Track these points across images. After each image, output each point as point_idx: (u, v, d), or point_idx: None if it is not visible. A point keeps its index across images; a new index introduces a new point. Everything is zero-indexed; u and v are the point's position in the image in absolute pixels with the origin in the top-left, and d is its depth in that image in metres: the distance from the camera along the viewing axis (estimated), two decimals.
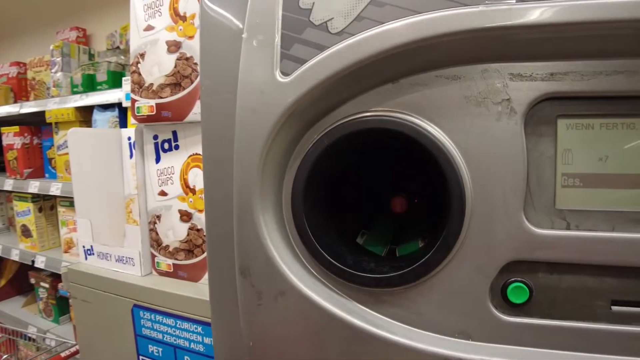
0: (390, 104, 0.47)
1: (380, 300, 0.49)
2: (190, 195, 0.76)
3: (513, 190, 0.43)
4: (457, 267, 0.45)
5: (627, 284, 0.44)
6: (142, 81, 0.75)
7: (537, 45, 0.42)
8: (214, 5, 0.54)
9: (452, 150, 0.45)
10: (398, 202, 0.60)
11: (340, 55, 0.45)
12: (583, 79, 0.42)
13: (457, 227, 0.44)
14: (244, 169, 0.50)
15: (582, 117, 0.43)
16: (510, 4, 0.41)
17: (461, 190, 0.44)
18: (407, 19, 0.43)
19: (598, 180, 0.44)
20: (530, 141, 0.44)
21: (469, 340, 0.46)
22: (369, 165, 0.62)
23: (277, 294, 0.50)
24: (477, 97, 0.44)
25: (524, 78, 0.43)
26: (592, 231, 0.43)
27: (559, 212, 0.44)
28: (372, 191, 0.64)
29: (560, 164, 0.44)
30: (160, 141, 0.78)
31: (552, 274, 0.44)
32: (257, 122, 0.48)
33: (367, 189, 0.64)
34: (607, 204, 0.43)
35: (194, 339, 0.71)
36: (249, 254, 0.51)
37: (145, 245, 0.81)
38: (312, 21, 0.46)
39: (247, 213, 0.50)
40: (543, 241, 0.43)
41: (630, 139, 0.43)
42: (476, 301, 0.45)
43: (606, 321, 0.44)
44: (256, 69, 0.48)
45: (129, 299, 0.77)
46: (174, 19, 0.73)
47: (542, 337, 0.44)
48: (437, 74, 0.45)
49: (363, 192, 0.64)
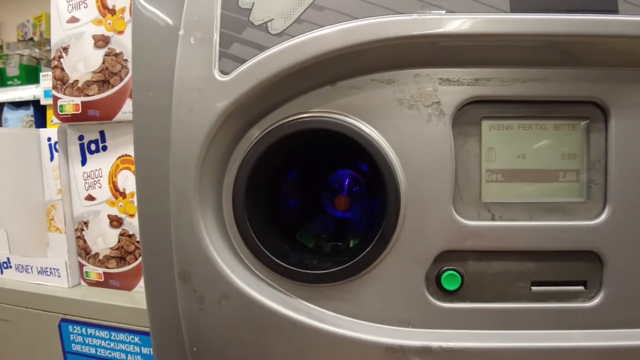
0: (329, 105, 0.49)
1: (324, 296, 0.51)
2: (120, 200, 0.72)
3: (443, 186, 0.48)
4: (395, 259, 0.49)
5: (543, 267, 0.50)
6: (66, 77, 0.70)
7: (464, 52, 0.47)
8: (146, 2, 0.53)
9: (387, 149, 0.48)
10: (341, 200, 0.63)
11: (280, 56, 0.46)
12: (503, 84, 0.48)
13: (393, 221, 0.48)
14: (181, 171, 0.49)
15: (502, 119, 0.49)
16: (440, 14, 0.45)
17: (396, 187, 0.47)
18: (346, 24, 0.45)
19: (517, 175, 0.49)
20: (457, 140, 0.48)
21: (408, 327, 0.50)
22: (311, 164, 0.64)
23: (221, 297, 0.50)
24: (409, 100, 0.48)
25: (452, 83, 0.48)
26: (513, 221, 0.49)
27: (484, 205, 0.49)
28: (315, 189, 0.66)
29: (484, 161, 0.49)
30: (86, 142, 0.73)
31: (481, 261, 0.50)
32: (194, 122, 0.48)
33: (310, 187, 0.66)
34: (525, 196, 0.49)
35: (131, 350, 0.69)
36: (188, 258, 0.50)
37: (72, 254, 0.76)
38: (252, 21, 0.47)
39: (186, 216, 0.50)
40: (471, 232, 0.48)
41: (543, 138, 0.50)
42: (413, 290, 0.49)
43: (528, 300, 0.50)
44: (193, 66, 0.48)
45: (55, 313, 0.72)
46: (101, 11, 0.69)
47: (474, 319, 0.50)
48: (372, 77, 0.48)
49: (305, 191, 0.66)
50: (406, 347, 0.48)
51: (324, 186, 0.67)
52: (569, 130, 0.49)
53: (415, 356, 0.48)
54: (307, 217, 0.67)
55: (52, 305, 0.73)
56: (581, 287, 0.50)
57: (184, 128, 0.49)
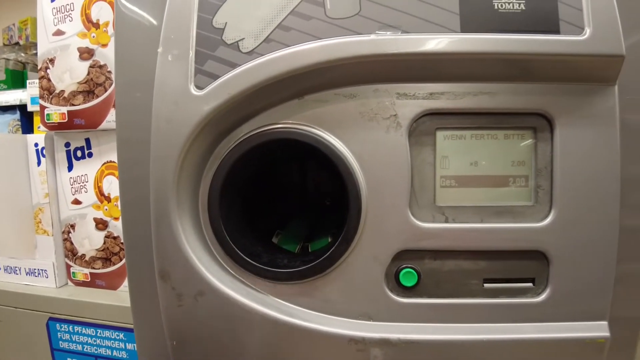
0: (297, 117, 0.55)
1: (293, 292, 0.56)
2: (105, 203, 0.78)
3: (400, 191, 0.54)
4: (357, 257, 0.54)
5: (495, 265, 0.56)
6: (53, 87, 0.75)
7: (419, 69, 0.52)
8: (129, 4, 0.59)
9: (350, 158, 0.54)
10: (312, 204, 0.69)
11: (250, 73, 0.52)
12: (456, 98, 0.54)
13: (355, 223, 0.53)
14: (160, 177, 0.55)
15: (455, 129, 0.55)
16: (396, 35, 0.51)
17: (357, 192, 0.53)
18: (310, 44, 0.51)
19: (469, 181, 0.55)
20: (414, 150, 0.54)
21: (370, 321, 0.55)
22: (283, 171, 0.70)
23: (197, 294, 0.56)
24: (369, 112, 0.54)
25: (408, 97, 0.53)
26: (465, 223, 0.54)
27: (438, 208, 0.55)
28: (287, 195, 0.72)
29: (438, 168, 0.55)
30: (72, 149, 0.78)
31: (436, 260, 0.55)
32: (172, 132, 0.53)
33: (282, 193, 0.72)
34: (477, 200, 0.55)
35: (115, 346, 0.74)
36: (167, 258, 0.56)
37: (59, 255, 0.81)
38: (224, 40, 0.53)
39: (165, 218, 0.55)
40: (426, 233, 0.54)
41: (493, 147, 0.55)
42: (374, 286, 0.55)
43: (480, 296, 0.55)
44: (171, 81, 0.54)
45: (43, 312, 0.77)
46: (86, 25, 0.74)
47: (430, 313, 0.55)
48: (336, 92, 0.54)
49: (278, 196, 0.72)
50: (367, 339, 0.54)
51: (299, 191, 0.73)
52: (518, 140, 0.56)
53: (375, 347, 0.54)
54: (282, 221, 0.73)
55: (40, 305, 0.78)
56: (530, 283, 0.56)
57: (163, 138, 0.54)
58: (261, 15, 0.52)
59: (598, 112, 0.54)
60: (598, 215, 0.54)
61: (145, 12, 0.59)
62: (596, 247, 0.55)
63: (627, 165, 0.55)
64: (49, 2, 0.75)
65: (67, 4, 0.74)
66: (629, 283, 0.58)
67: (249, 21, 0.52)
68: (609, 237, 0.55)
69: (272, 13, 0.52)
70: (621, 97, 0.54)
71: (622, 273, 0.56)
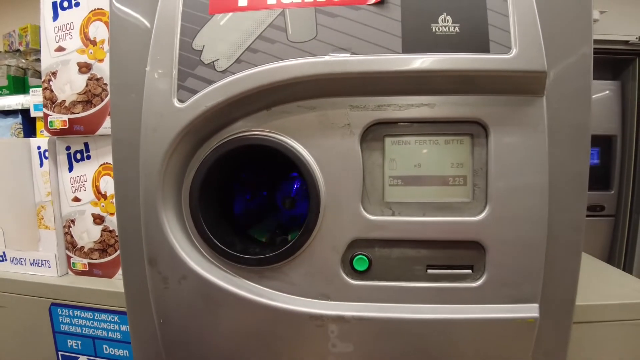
0: (266, 126, 0.66)
1: (263, 276, 0.67)
2: (102, 201, 0.90)
3: (354, 189, 0.64)
4: (317, 246, 0.65)
5: (437, 253, 0.66)
6: (55, 97, 0.87)
7: (368, 85, 0.63)
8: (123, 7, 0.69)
9: (311, 161, 0.65)
10: (286, 200, 0.81)
11: (224, 88, 0.62)
12: (400, 109, 0.64)
13: (315, 216, 0.64)
14: (148, 177, 0.65)
15: (401, 136, 0.65)
16: (346, 56, 0.62)
17: (316, 190, 0.64)
18: (274, 64, 0.62)
19: (414, 180, 0.66)
20: (365, 153, 0.65)
21: (328, 300, 0.66)
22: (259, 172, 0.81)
23: (180, 278, 0.68)
24: (327, 122, 0.64)
25: (360, 108, 0.65)
26: (410, 216, 0.65)
27: (386, 204, 0.66)
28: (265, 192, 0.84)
29: (387, 170, 0.66)
30: (72, 152, 0.90)
31: (384, 248, 0.66)
32: (158, 139, 0.64)
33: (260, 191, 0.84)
34: (420, 197, 0.65)
35: (111, 328, 0.86)
36: (155, 246, 0.67)
37: (60, 247, 0.93)
38: (202, 60, 0.64)
39: (152, 212, 0.66)
40: (375, 225, 0.65)
41: (435, 151, 0.66)
42: (331, 271, 0.66)
43: (424, 280, 0.66)
44: (157, 95, 0.65)
45: (46, 298, 0.89)
46: (84, 42, 0.85)
47: (380, 294, 0.66)
48: (298, 104, 0.64)
49: (256, 193, 0.84)
50: (325, 316, 0.65)
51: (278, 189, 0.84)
52: (457, 144, 0.66)
53: (331, 323, 0.65)
54: (263, 215, 0.85)
55: (43, 292, 0.89)
56: (469, 270, 0.66)
57: (150, 144, 0.65)
58: (233, 39, 0.64)
59: (528, 120, 0.63)
60: (528, 210, 0.64)
61: (138, 12, 0.69)
62: (527, 238, 0.64)
63: (554, 166, 0.64)
64: (51, 21, 0.87)
65: (67, 23, 0.86)
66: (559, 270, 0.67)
67: (223, 44, 0.64)
68: (538, 230, 0.64)
69: (243, 37, 0.63)
70: (549, 107, 0.64)
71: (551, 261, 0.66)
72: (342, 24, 0.62)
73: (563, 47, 0.64)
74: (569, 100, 0.65)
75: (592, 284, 0.86)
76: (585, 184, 0.68)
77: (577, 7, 0.64)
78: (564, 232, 0.67)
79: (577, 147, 0.66)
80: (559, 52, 0.64)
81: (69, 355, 0.90)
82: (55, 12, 0.86)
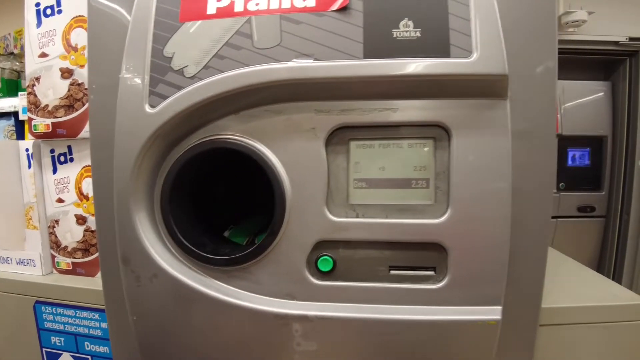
0: (234, 130, 0.68)
1: (232, 276, 0.70)
2: (84, 202, 0.94)
3: (319, 191, 0.67)
4: (283, 247, 0.68)
5: (400, 255, 0.68)
6: (38, 102, 0.91)
7: (332, 89, 0.65)
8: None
9: (277, 163, 0.67)
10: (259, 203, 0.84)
11: (192, 94, 0.65)
12: (364, 113, 0.66)
13: (280, 218, 0.67)
14: (121, 179, 0.68)
15: (365, 140, 0.67)
16: (309, 62, 0.65)
17: (282, 192, 0.67)
18: (239, 70, 0.65)
19: (377, 183, 0.68)
20: (330, 156, 0.67)
21: (293, 300, 0.68)
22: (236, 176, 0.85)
23: (152, 276, 0.71)
24: (293, 126, 0.67)
25: (325, 113, 0.67)
26: (373, 218, 0.67)
27: (351, 206, 0.68)
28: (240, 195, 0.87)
29: (352, 172, 0.68)
30: (56, 154, 0.94)
31: (348, 249, 0.68)
32: (130, 143, 0.67)
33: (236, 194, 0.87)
34: (383, 199, 0.68)
35: (92, 325, 0.89)
36: (128, 246, 0.70)
37: (45, 247, 0.97)
38: (172, 67, 0.68)
39: (125, 212, 0.69)
40: (340, 226, 0.67)
41: (399, 154, 0.68)
42: (297, 271, 0.68)
43: (387, 281, 0.68)
44: (131, 101, 0.68)
45: (31, 296, 0.93)
46: (66, 49, 0.89)
47: (344, 294, 0.68)
48: (265, 109, 0.67)
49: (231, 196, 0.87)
50: (289, 315, 0.67)
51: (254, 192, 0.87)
52: (420, 148, 0.68)
53: (295, 322, 0.68)
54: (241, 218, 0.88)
55: (28, 290, 0.94)
56: (431, 272, 0.68)
57: (123, 148, 0.69)
58: (202, 46, 0.67)
59: (492, 123, 0.65)
60: (491, 213, 0.66)
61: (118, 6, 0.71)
62: (489, 241, 0.66)
63: (518, 168, 0.66)
64: (35, 28, 0.91)
65: (50, 30, 0.90)
66: (524, 272, 0.69)
67: (192, 51, 0.67)
68: (500, 232, 0.66)
69: (210, 44, 0.66)
70: (513, 110, 0.65)
71: (516, 264, 0.67)
72: (305, 31, 0.65)
73: (526, 50, 0.66)
74: (534, 103, 0.66)
75: (567, 286, 0.88)
76: (551, 185, 0.70)
77: (541, 9, 0.65)
78: (529, 235, 0.69)
79: (542, 149, 0.67)
80: (522, 55, 0.65)
81: (53, 351, 0.94)
82: (39, 19, 0.91)
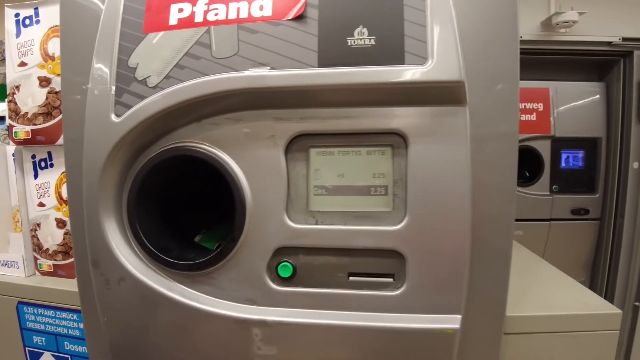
0: (197, 138, 0.70)
1: (195, 281, 0.72)
2: (63, 206, 0.97)
3: (279, 198, 0.68)
4: (243, 253, 0.69)
5: (359, 261, 0.69)
6: (19, 110, 0.95)
7: (289, 98, 0.66)
8: None
9: (238, 170, 0.69)
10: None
11: (153, 103, 0.67)
12: (323, 121, 0.67)
13: (240, 224, 0.68)
14: (90, 185, 0.71)
15: (325, 147, 0.68)
16: (265, 72, 0.67)
17: (242, 199, 0.68)
18: (198, 80, 0.66)
19: (337, 190, 0.69)
20: (290, 164, 0.68)
21: (254, 305, 0.70)
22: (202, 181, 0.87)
23: (119, 279, 0.73)
24: (253, 133, 0.68)
25: (284, 120, 0.68)
26: (332, 225, 0.68)
27: (310, 213, 0.69)
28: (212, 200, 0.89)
29: (312, 179, 0.69)
30: (37, 160, 0.98)
31: (308, 255, 0.69)
32: (97, 151, 0.70)
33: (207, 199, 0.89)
34: (343, 206, 0.69)
35: (71, 325, 0.93)
36: (97, 250, 0.72)
37: (28, 249, 1.01)
38: (136, 77, 0.70)
39: (94, 216, 0.72)
40: (299, 233, 0.68)
41: (357, 161, 0.69)
42: (258, 277, 0.69)
43: (346, 287, 0.69)
44: (97, 110, 0.71)
45: (13, 297, 0.98)
46: (44, 58, 0.93)
47: (304, 300, 0.69)
48: (226, 117, 0.69)
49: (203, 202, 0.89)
50: (249, 320, 0.69)
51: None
52: (379, 155, 0.69)
53: (255, 327, 0.69)
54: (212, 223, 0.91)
55: (11, 291, 0.99)
56: (390, 279, 0.68)
57: (91, 155, 0.71)
58: (163, 57, 0.69)
59: (450, 130, 0.65)
60: (449, 220, 0.66)
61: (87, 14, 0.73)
62: (448, 249, 0.66)
63: (478, 175, 0.66)
64: (14, 38, 0.96)
65: (28, 40, 0.95)
66: (486, 280, 0.69)
67: (155, 61, 0.69)
68: (459, 240, 0.66)
69: (172, 55, 0.69)
70: (472, 116, 0.65)
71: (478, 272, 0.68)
72: (262, 40, 0.66)
73: (486, 54, 0.66)
74: (495, 108, 0.66)
75: (538, 293, 0.88)
76: (512, 190, 0.69)
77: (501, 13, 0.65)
78: (491, 242, 0.69)
79: (504, 155, 0.67)
80: (481, 60, 0.65)
81: (35, 350, 0.99)
82: (18, 29, 0.95)
